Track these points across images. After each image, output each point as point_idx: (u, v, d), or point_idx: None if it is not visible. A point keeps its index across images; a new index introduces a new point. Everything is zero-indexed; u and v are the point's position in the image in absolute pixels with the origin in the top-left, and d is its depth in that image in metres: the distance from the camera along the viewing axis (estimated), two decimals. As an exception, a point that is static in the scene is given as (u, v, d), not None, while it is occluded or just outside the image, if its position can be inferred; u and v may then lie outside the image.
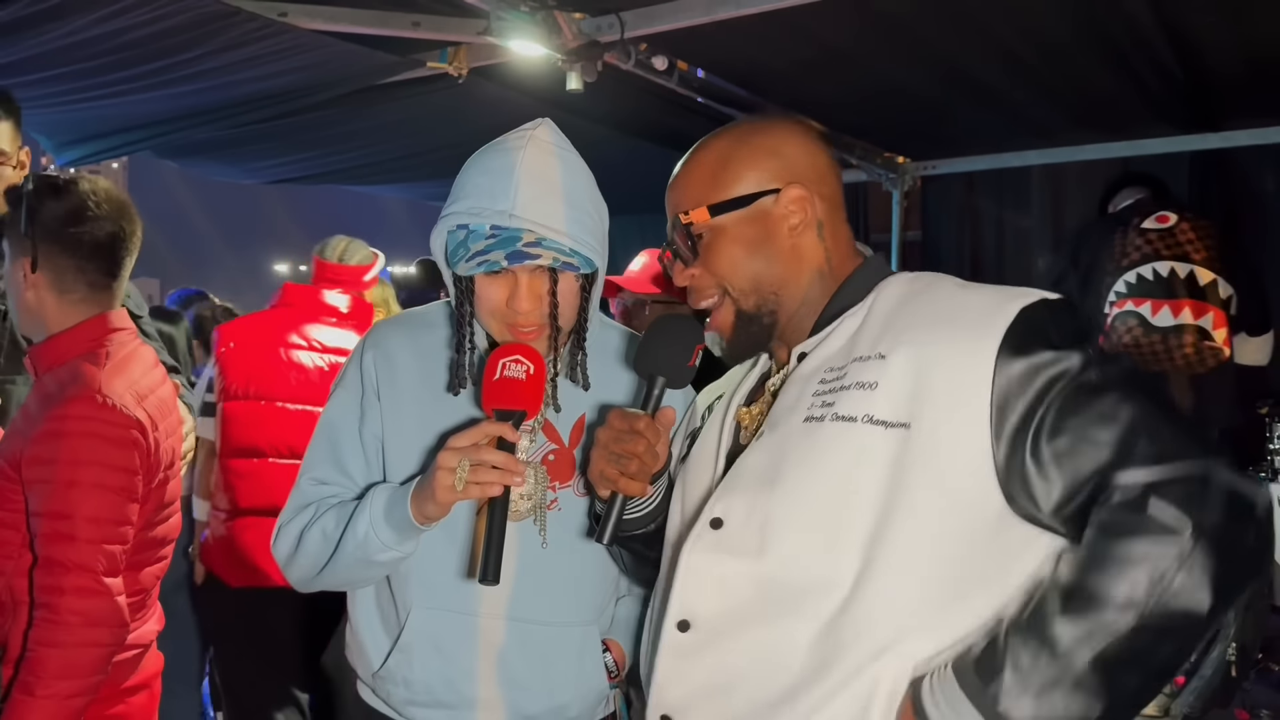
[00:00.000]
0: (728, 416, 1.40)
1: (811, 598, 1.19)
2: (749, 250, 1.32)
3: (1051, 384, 1.14)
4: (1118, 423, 1.12)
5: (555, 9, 2.96)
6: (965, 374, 1.15)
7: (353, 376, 1.57)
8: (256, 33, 2.82)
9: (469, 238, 1.43)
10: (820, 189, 1.34)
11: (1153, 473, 1.10)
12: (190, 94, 3.31)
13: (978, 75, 3.71)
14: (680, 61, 3.45)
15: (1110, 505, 1.11)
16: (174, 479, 1.92)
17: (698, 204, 1.33)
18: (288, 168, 4.72)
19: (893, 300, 1.27)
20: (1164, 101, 3.98)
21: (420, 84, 3.51)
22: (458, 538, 1.50)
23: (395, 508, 1.42)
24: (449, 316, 1.58)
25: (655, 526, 1.44)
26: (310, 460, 1.57)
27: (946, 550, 1.15)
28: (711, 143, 1.37)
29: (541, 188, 1.43)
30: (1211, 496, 1.08)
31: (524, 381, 1.39)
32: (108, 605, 1.70)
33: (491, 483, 1.32)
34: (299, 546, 1.50)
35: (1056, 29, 3.26)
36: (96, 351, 1.82)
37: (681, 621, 1.29)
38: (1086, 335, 1.19)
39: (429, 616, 1.49)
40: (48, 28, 2.66)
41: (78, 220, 1.81)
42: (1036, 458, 1.13)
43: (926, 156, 5.09)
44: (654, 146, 4.35)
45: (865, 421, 1.18)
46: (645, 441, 1.31)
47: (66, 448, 1.70)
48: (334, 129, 4.01)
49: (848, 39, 3.31)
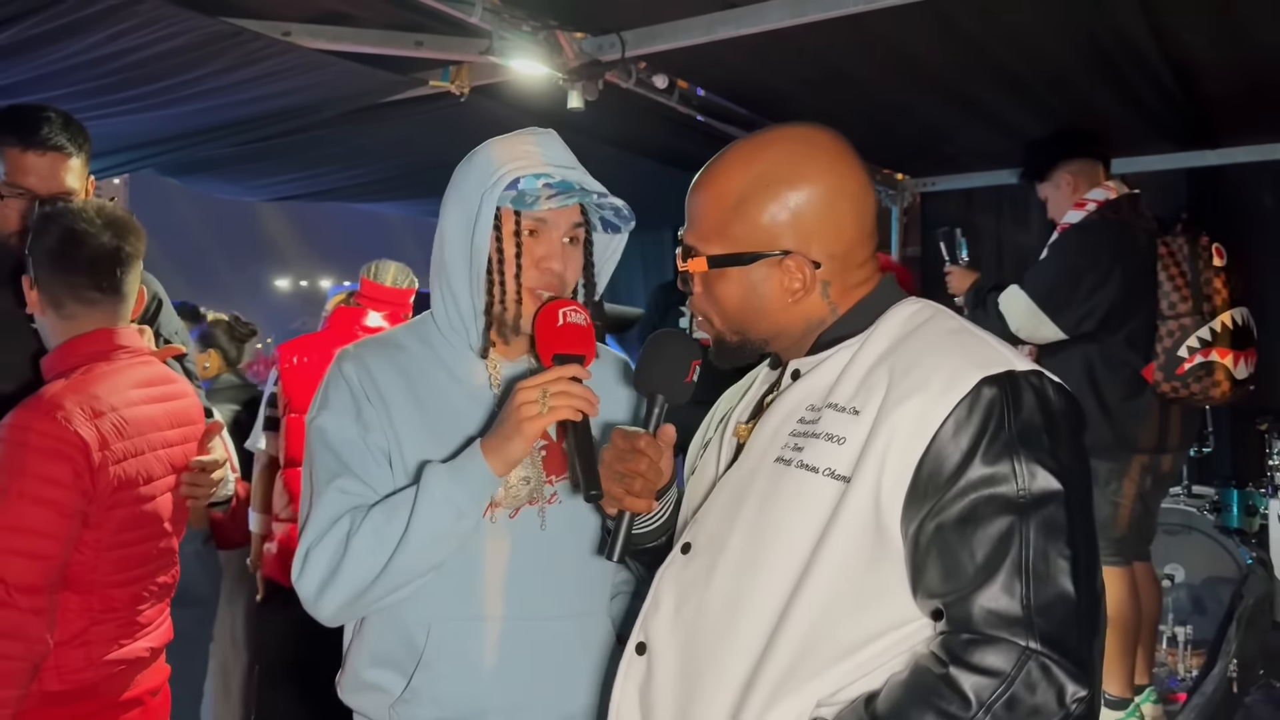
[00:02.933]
0: (727, 432, 1.41)
1: (739, 637, 1.22)
2: (742, 300, 1.30)
3: (969, 485, 1.12)
4: (999, 553, 1.10)
5: (557, 29, 3.00)
6: (910, 438, 1.15)
7: (339, 395, 1.54)
8: (261, 52, 2.84)
9: (522, 196, 1.49)
10: (834, 248, 1.28)
11: (990, 622, 1.09)
12: (194, 113, 3.34)
13: (977, 96, 3.74)
14: (680, 80, 3.48)
15: (935, 642, 1.13)
16: (149, 501, 1.89)
17: (703, 244, 1.31)
18: (290, 185, 4.74)
19: (884, 343, 1.25)
20: (1162, 120, 4.00)
21: (422, 102, 3.53)
22: (466, 549, 1.50)
23: (465, 470, 1.43)
24: (416, 339, 1.60)
25: (666, 540, 1.46)
26: (321, 478, 1.51)
27: (847, 587, 1.17)
28: (735, 169, 1.30)
29: (574, 156, 1.56)
30: (1029, 686, 1.06)
31: (585, 328, 1.48)
32: (15, 619, 1.66)
33: (575, 403, 1.39)
34: (344, 560, 1.43)
35: (1055, 50, 3.28)
36: (73, 367, 1.83)
37: (640, 644, 1.33)
38: (1050, 417, 1.15)
39: (451, 629, 1.50)
40: (52, 48, 2.68)
41: (65, 238, 1.84)
42: (921, 537, 1.14)
43: (925, 174, 5.12)
44: (654, 164, 4.38)
45: (826, 475, 1.19)
46: (647, 459, 1.33)
47: (2, 456, 1.70)
48: (336, 147, 4.03)
49: (846, 59, 3.34)
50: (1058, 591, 1.09)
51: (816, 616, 1.17)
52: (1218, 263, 3.32)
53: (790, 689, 1.17)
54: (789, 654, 1.18)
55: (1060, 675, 1.06)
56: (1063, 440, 1.15)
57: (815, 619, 1.17)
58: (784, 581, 1.19)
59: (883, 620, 1.17)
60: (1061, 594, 1.09)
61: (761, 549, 1.23)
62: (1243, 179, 4.44)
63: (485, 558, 1.51)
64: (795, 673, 1.17)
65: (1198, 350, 3.28)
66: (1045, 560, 1.09)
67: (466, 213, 1.52)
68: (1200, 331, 3.27)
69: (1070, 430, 1.17)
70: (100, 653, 1.82)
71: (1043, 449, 1.13)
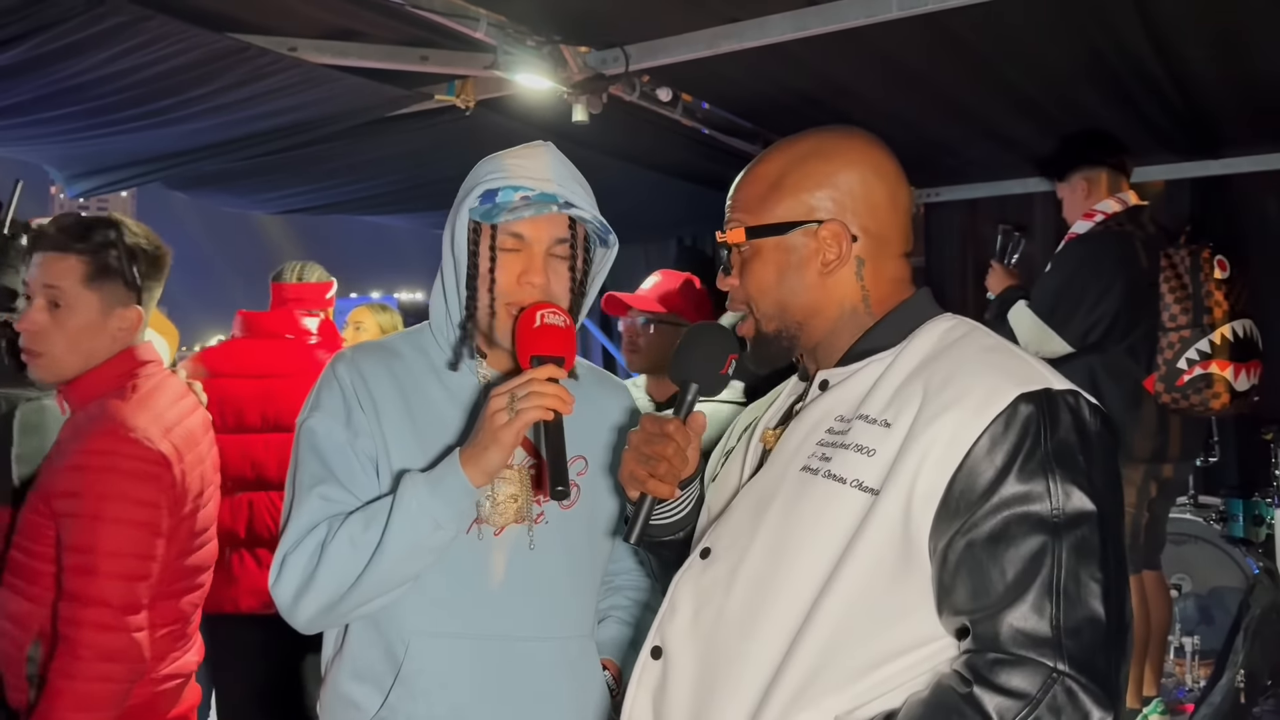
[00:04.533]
0: (754, 439, 1.41)
1: (757, 646, 1.21)
2: (779, 276, 1.32)
3: (1002, 502, 1.11)
4: (1030, 572, 1.08)
5: (561, 43, 3.01)
6: (944, 453, 1.14)
7: (331, 397, 1.52)
8: (267, 68, 2.86)
9: (495, 209, 1.48)
10: (869, 224, 1.31)
11: (1018, 641, 1.07)
12: (202, 128, 3.35)
13: (979, 108, 3.75)
14: (684, 93, 3.49)
15: (960, 661, 1.11)
16: (206, 506, 1.93)
17: (742, 220, 1.34)
18: (296, 198, 4.76)
19: (918, 357, 1.24)
20: (1165, 130, 4.01)
21: (428, 116, 3.55)
22: (450, 565, 1.49)
23: (443, 481, 1.41)
24: (412, 347, 1.60)
25: (684, 535, 1.46)
26: (304, 483, 1.48)
27: (870, 602, 1.16)
28: (776, 155, 1.36)
29: (567, 171, 1.54)
30: (1054, 710, 1.04)
31: (564, 329, 1.45)
32: (124, 641, 1.70)
33: (545, 401, 1.36)
34: (319, 567, 1.41)
35: (1058, 65, 3.29)
36: (124, 386, 1.84)
37: (655, 648, 1.32)
38: (1085, 438, 1.14)
39: (429, 645, 1.48)
40: (60, 66, 2.69)
41: (156, 243, 1.88)
42: (950, 553, 1.13)
43: (929, 184, 5.13)
44: (658, 176, 4.40)
45: (853, 486, 1.18)
46: (674, 444, 1.32)
47: (89, 482, 1.72)
48: (343, 160, 4.05)
49: (848, 72, 3.35)
50: (1088, 614, 1.07)
51: (837, 629, 1.16)
52: (1219, 275, 3.33)
53: (808, 701, 1.16)
54: (808, 665, 1.16)
55: (1086, 700, 1.04)
56: (1097, 461, 1.13)
57: (836, 631, 1.16)
58: (806, 591, 1.18)
59: (905, 637, 1.16)
60: (1092, 617, 1.07)
61: (784, 557, 1.22)
62: (1248, 188, 4.44)
63: (469, 574, 1.49)
64: (813, 685, 1.16)
65: (1197, 362, 3.29)
66: (1076, 582, 1.08)
67: (450, 224, 1.53)
68: (1200, 344, 3.29)
69: (1104, 451, 1.15)
70: (157, 668, 1.83)
71: (1078, 469, 1.11)
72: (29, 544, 1.78)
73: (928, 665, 1.16)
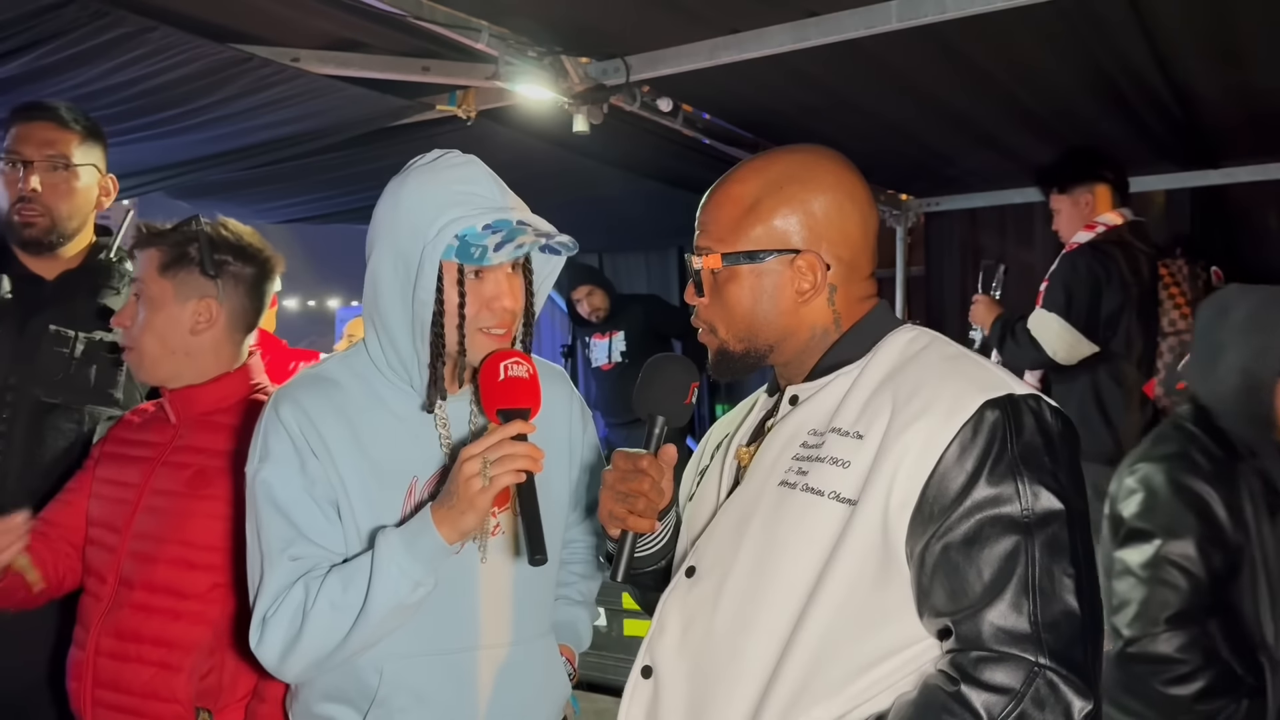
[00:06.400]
0: (728, 457, 1.42)
1: (747, 661, 1.23)
2: (753, 302, 1.32)
3: (975, 506, 1.14)
4: (1006, 571, 1.12)
5: (562, 54, 3.03)
6: (916, 461, 1.17)
7: (280, 444, 1.49)
8: (270, 78, 2.87)
9: (475, 249, 1.45)
10: (842, 252, 1.32)
11: (1000, 638, 1.11)
12: (204, 139, 3.37)
13: (979, 119, 3.76)
14: (685, 104, 3.51)
15: (945, 660, 1.14)
16: None
17: (717, 244, 1.33)
18: (298, 207, 4.78)
19: (884, 369, 1.27)
20: (1165, 142, 4.02)
21: (429, 126, 3.57)
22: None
23: (417, 541, 1.41)
24: (351, 373, 1.56)
25: (666, 563, 1.47)
26: (272, 545, 1.47)
27: (854, 610, 1.18)
28: (749, 175, 1.35)
29: (502, 185, 1.53)
30: (1038, 703, 1.08)
31: (528, 380, 1.46)
32: None
33: (518, 466, 1.38)
34: (303, 630, 1.42)
35: (1058, 76, 3.30)
36: (266, 389, 1.88)
37: (645, 668, 1.33)
38: (1049, 439, 1.17)
39: (405, 665, 1.49)
40: (64, 77, 2.71)
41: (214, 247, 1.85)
42: (927, 557, 1.16)
43: (929, 194, 5.14)
44: (660, 185, 4.41)
45: (831, 498, 1.21)
46: (650, 479, 1.33)
47: None
48: (344, 170, 4.07)
49: (848, 84, 3.36)
50: (1064, 608, 1.11)
51: (824, 638, 1.18)
52: (1216, 284, 3.37)
53: (800, 711, 1.18)
54: (797, 676, 1.19)
55: (1067, 691, 1.08)
56: (1062, 461, 1.17)
57: (823, 641, 1.18)
58: (792, 604, 1.21)
59: (890, 641, 1.19)
60: (1067, 610, 1.11)
61: (768, 571, 1.24)
62: (1246, 198, 4.45)
63: (433, 595, 1.47)
64: (804, 695, 1.18)
65: None
66: (1050, 578, 1.12)
67: (405, 266, 1.46)
68: None
69: (1068, 452, 1.19)
70: None
71: (1044, 470, 1.15)
72: (191, 554, 1.74)
73: (913, 667, 1.18)
